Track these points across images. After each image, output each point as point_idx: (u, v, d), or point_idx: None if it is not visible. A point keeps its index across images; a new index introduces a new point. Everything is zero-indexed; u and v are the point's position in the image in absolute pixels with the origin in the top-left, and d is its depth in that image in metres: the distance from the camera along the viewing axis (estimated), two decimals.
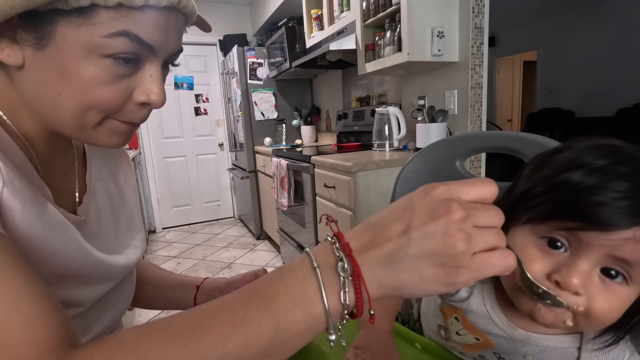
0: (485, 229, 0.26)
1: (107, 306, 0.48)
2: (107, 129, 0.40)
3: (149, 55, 0.38)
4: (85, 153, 0.53)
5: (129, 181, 0.59)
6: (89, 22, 0.33)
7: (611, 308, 0.33)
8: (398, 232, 0.26)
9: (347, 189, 1.54)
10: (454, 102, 1.67)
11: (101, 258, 0.44)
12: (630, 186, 0.31)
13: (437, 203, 0.26)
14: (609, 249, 0.32)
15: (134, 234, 0.56)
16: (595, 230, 0.31)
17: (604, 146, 0.37)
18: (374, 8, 1.72)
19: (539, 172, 0.37)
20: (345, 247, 0.26)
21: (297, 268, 0.27)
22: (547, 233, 0.35)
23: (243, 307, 0.27)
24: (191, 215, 3.98)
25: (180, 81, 3.69)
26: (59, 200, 0.43)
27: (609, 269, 0.33)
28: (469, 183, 0.27)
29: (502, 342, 0.42)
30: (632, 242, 0.31)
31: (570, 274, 0.32)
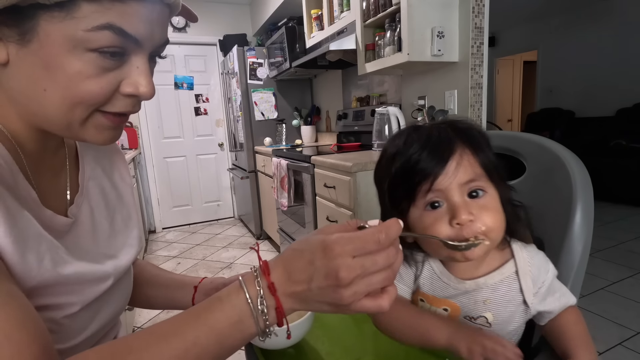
0: (373, 276, 0.33)
1: (103, 306, 0.47)
2: (94, 125, 0.40)
3: (134, 47, 0.37)
4: (78, 152, 0.52)
5: (125, 179, 0.59)
6: (72, 16, 0.33)
7: (494, 213, 0.45)
8: (304, 280, 0.34)
9: (347, 189, 1.53)
10: (454, 102, 1.67)
11: (80, 269, 0.42)
12: (420, 144, 0.46)
13: (332, 269, 0.32)
14: (457, 180, 0.45)
15: (131, 232, 0.55)
16: (438, 175, 0.45)
17: (397, 134, 0.52)
18: (374, 8, 1.72)
19: (386, 169, 0.50)
20: (270, 288, 0.34)
21: (235, 300, 0.35)
22: (423, 202, 0.47)
23: (193, 334, 0.34)
24: (191, 215, 3.98)
25: (180, 81, 3.69)
26: (48, 201, 0.43)
27: (470, 193, 0.46)
28: (361, 239, 0.32)
29: (463, 301, 0.50)
30: (460, 166, 0.45)
31: (458, 213, 0.44)
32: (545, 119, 5.07)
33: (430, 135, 0.47)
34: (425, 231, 0.47)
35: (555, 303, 0.48)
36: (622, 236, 2.84)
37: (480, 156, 0.46)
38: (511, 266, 0.50)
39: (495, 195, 0.47)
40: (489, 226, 0.44)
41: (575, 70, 5.03)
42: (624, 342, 1.60)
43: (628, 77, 4.37)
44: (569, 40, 5.06)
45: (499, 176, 0.48)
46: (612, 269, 2.29)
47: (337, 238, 0.33)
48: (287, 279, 0.34)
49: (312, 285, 0.33)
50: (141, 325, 1.98)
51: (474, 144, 0.46)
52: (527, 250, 0.50)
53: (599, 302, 1.92)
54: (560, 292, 0.49)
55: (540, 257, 0.50)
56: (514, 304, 0.49)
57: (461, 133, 0.47)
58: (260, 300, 0.34)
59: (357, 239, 0.33)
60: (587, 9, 4.75)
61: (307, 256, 0.34)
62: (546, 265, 0.49)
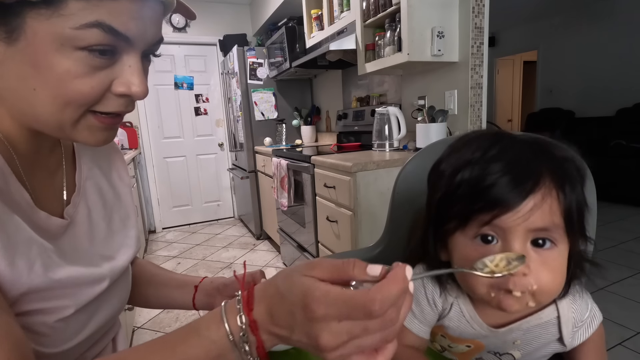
0: (365, 338, 0.28)
1: (99, 308, 0.46)
2: (86, 126, 0.39)
3: (125, 46, 0.36)
4: (75, 151, 0.52)
5: (123, 179, 0.58)
6: (59, 14, 0.32)
7: (554, 274, 0.38)
8: (286, 326, 0.30)
9: (347, 189, 1.53)
10: (454, 102, 1.67)
11: (73, 273, 0.41)
12: (502, 165, 0.36)
13: (312, 330, 0.28)
14: (526, 224, 0.36)
15: (128, 232, 0.55)
16: (503, 213, 0.36)
17: (476, 138, 0.41)
18: (374, 8, 1.72)
19: (440, 180, 0.41)
20: (252, 326, 0.31)
21: (215, 335, 0.32)
22: (475, 232, 0.39)
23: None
24: (191, 215, 3.98)
25: (180, 81, 3.69)
26: (44, 202, 0.42)
27: (536, 240, 0.37)
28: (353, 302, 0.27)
29: (491, 341, 0.45)
30: (535, 210, 0.35)
31: (519, 263, 0.35)
32: (545, 119, 5.07)
33: (517, 158, 0.37)
34: (464, 265, 0.39)
35: (588, 330, 0.45)
36: (622, 236, 2.84)
37: (567, 202, 0.36)
38: (552, 311, 0.44)
39: (565, 251, 0.38)
40: (542, 286, 0.37)
41: (575, 70, 5.03)
42: (624, 342, 1.60)
43: (628, 77, 4.37)
44: (569, 40, 5.06)
45: (579, 228, 0.39)
46: (612, 269, 2.29)
47: (320, 296, 0.28)
48: (270, 319, 0.31)
49: (294, 336, 0.30)
50: (141, 325, 1.98)
51: (564, 184, 0.36)
52: (570, 295, 0.44)
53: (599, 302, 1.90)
54: (590, 314, 0.46)
55: (582, 297, 0.45)
56: (546, 342, 0.45)
57: (556, 165, 0.37)
58: (242, 337, 0.31)
59: (344, 304, 0.27)
60: (587, 8, 4.75)
61: (288, 305, 0.30)
62: (585, 301, 0.45)
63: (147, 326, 1.97)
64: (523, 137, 0.40)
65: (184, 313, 2.05)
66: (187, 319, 1.98)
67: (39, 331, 0.38)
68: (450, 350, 0.49)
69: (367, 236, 1.52)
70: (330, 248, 1.82)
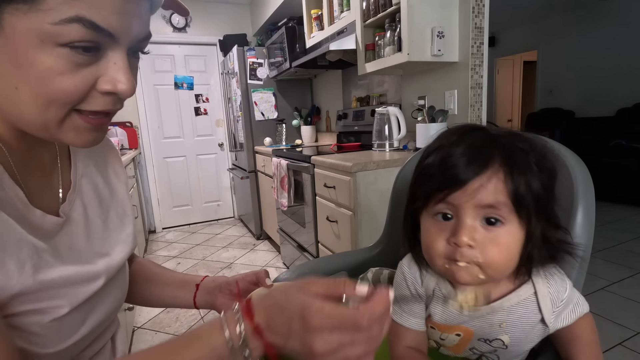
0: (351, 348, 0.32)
1: (95, 306, 0.46)
2: (71, 127, 0.37)
3: (109, 42, 0.35)
4: (70, 149, 0.51)
5: (119, 176, 0.58)
6: (37, 8, 0.31)
7: (500, 250, 0.41)
8: (282, 335, 0.33)
9: (347, 189, 1.54)
10: (454, 102, 1.67)
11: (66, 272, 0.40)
12: (461, 149, 0.42)
13: (307, 338, 0.32)
14: (474, 202, 0.41)
15: (125, 229, 0.55)
16: (454, 191, 0.41)
17: (447, 131, 0.47)
18: (374, 8, 1.72)
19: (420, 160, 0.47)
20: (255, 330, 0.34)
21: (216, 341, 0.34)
22: (434, 210, 0.44)
23: None
24: (191, 215, 3.98)
25: (180, 81, 3.69)
26: (39, 200, 0.42)
27: (488, 218, 0.41)
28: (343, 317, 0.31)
29: (477, 325, 0.47)
30: (483, 189, 0.40)
31: (459, 233, 0.41)
32: (545, 119, 5.07)
33: (474, 144, 0.42)
34: (425, 239, 0.46)
35: (571, 315, 0.47)
36: (622, 236, 2.84)
37: (513, 183, 0.40)
38: (529, 288, 0.46)
39: (516, 231, 0.41)
40: (487, 260, 0.41)
41: (575, 70, 5.03)
42: (624, 342, 1.60)
43: (628, 77, 4.37)
44: (569, 41, 5.06)
45: (538, 213, 0.42)
46: (612, 269, 2.29)
47: (317, 309, 0.32)
48: (267, 327, 0.34)
49: (289, 343, 0.33)
50: (141, 325, 1.98)
51: (513, 169, 0.40)
52: (544, 272, 0.47)
53: (599, 302, 1.92)
54: (574, 302, 0.48)
55: (556, 274, 0.47)
56: (531, 324, 0.46)
57: (509, 153, 0.41)
58: (242, 343, 0.33)
59: (337, 318, 0.31)
60: (587, 9, 4.75)
61: (287, 316, 0.33)
62: (563, 283, 0.47)
63: (147, 326, 1.97)
64: (497, 130, 0.45)
65: (184, 313, 2.05)
66: (187, 319, 1.98)
67: (33, 331, 0.38)
68: (443, 344, 0.51)
69: (367, 236, 1.52)
70: (330, 248, 1.82)
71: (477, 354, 0.49)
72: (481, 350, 0.49)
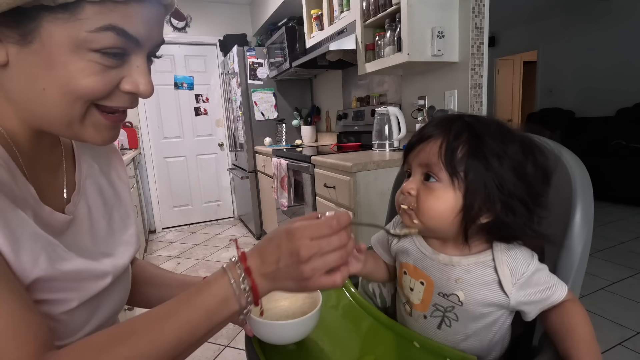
0: (329, 255, 0.40)
1: (101, 303, 0.47)
2: (92, 124, 0.40)
3: (134, 47, 0.38)
4: (74, 151, 0.52)
5: (122, 178, 0.59)
6: (75, 18, 0.33)
7: (432, 201, 0.50)
8: (274, 261, 0.40)
9: (347, 189, 1.53)
10: (454, 102, 1.67)
11: (78, 266, 0.42)
12: (426, 127, 0.53)
13: (294, 249, 0.39)
14: (418, 160, 0.52)
15: (128, 230, 0.56)
16: (408, 153, 0.54)
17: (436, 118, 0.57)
18: (374, 8, 1.72)
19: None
20: (247, 270, 0.41)
21: (221, 283, 0.41)
22: (403, 170, 0.56)
23: (187, 314, 0.39)
24: (191, 215, 3.98)
25: (180, 81, 3.69)
26: (46, 199, 0.43)
27: (427, 174, 0.51)
28: (317, 225, 0.40)
29: (437, 276, 0.53)
30: (424, 151, 0.51)
31: (405, 184, 0.53)
32: (545, 119, 5.07)
33: (435, 123, 0.53)
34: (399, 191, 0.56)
35: (537, 295, 0.48)
36: (622, 236, 2.84)
37: (446, 149, 0.48)
38: (488, 254, 0.51)
39: (446, 189, 0.49)
40: (420, 207, 0.51)
41: (575, 70, 5.03)
42: (624, 342, 1.60)
43: (628, 77, 4.37)
44: (569, 40, 5.06)
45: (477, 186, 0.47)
46: (612, 269, 2.29)
47: (298, 225, 0.40)
48: (261, 262, 0.41)
49: (280, 264, 0.40)
50: None
51: (449, 137, 0.49)
52: (506, 245, 0.51)
53: (599, 302, 1.92)
54: (547, 285, 0.49)
55: (522, 251, 0.50)
56: (489, 290, 0.50)
57: (446, 125, 0.51)
58: (241, 281, 0.40)
59: (314, 225, 0.40)
60: (587, 9, 4.75)
61: (276, 241, 0.41)
62: (528, 259, 0.49)
63: None
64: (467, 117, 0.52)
65: None
66: None
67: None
68: (412, 301, 0.57)
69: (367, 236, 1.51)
70: None
71: (440, 313, 0.53)
72: (442, 306, 0.53)
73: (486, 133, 0.48)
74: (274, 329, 0.48)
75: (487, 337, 0.52)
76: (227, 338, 1.80)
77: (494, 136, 0.48)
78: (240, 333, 1.83)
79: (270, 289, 0.42)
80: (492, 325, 0.52)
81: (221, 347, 1.74)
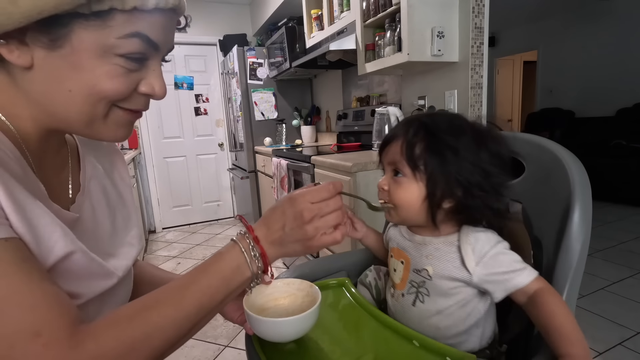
0: (328, 215, 0.46)
1: (107, 303, 0.48)
2: (113, 121, 0.43)
3: (153, 52, 0.41)
4: (79, 152, 0.53)
5: (124, 179, 0.61)
6: (106, 25, 0.36)
7: (401, 193, 0.57)
8: (280, 227, 0.46)
9: (347, 189, 1.53)
10: (454, 102, 1.67)
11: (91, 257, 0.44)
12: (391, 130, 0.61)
13: (297, 212, 0.45)
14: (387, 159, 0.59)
15: (130, 231, 0.56)
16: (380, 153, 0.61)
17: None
18: (374, 8, 1.72)
19: None
20: (255, 239, 0.46)
21: (232, 252, 0.45)
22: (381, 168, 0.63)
23: (206, 281, 0.43)
24: (191, 215, 3.98)
25: (180, 81, 3.69)
26: (52, 198, 0.44)
27: (395, 171, 0.58)
28: (316, 190, 0.47)
29: (413, 254, 0.61)
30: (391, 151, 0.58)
31: (380, 181, 0.60)
32: (545, 119, 5.07)
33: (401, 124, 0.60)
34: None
35: (500, 276, 0.52)
36: (622, 236, 2.84)
37: (407, 148, 0.55)
38: (455, 235, 0.57)
39: (411, 181, 0.56)
40: (393, 199, 0.58)
41: (575, 70, 5.03)
42: (624, 342, 1.60)
43: (628, 77, 4.37)
44: (569, 40, 5.06)
45: (436, 177, 0.54)
46: (612, 269, 2.29)
47: (299, 192, 0.46)
48: (268, 230, 0.46)
49: (286, 228, 0.45)
50: None
51: (406, 137, 0.56)
52: (474, 228, 0.56)
53: (599, 302, 1.92)
54: (511, 269, 0.52)
55: (487, 234, 0.55)
56: (454, 266, 0.55)
57: (405, 126, 0.58)
58: (251, 249, 0.45)
59: (314, 190, 0.47)
60: (587, 9, 4.75)
61: (280, 209, 0.46)
62: (492, 242, 0.54)
63: None
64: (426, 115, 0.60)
65: None
66: None
67: None
68: (394, 281, 0.63)
69: None
70: (330, 248, 1.82)
71: (414, 290, 0.59)
72: (416, 282, 0.59)
73: (439, 130, 0.54)
74: (274, 326, 0.49)
75: (461, 318, 0.55)
76: (227, 338, 1.81)
77: (447, 132, 0.54)
78: (240, 333, 1.84)
79: (278, 254, 0.47)
80: (463, 306, 0.55)
81: (221, 347, 1.74)
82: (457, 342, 0.56)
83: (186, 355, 1.68)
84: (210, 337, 1.82)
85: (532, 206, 0.63)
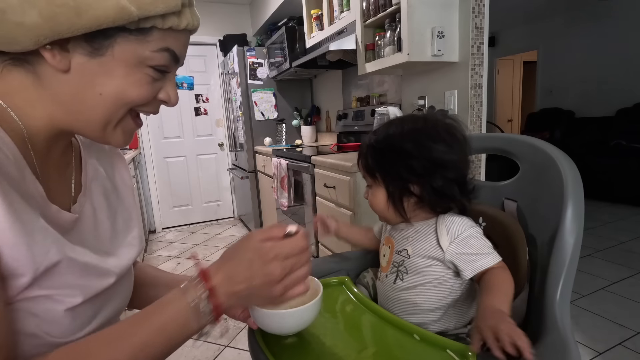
0: (299, 270, 0.44)
1: (105, 303, 0.48)
2: (122, 128, 0.46)
3: (174, 65, 0.46)
4: (81, 154, 0.54)
5: (125, 181, 0.62)
6: (145, 40, 0.41)
7: (373, 201, 0.67)
8: (245, 280, 0.42)
9: (347, 189, 1.54)
10: (454, 102, 1.67)
11: (86, 258, 0.44)
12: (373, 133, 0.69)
13: (270, 268, 0.41)
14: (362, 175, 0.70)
15: (131, 232, 0.57)
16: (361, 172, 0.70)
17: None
18: (374, 8, 1.72)
19: None
20: (211, 291, 0.41)
21: (180, 305, 0.41)
22: None
23: (145, 336, 0.39)
24: (191, 215, 3.98)
25: (180, 81, 3.69)
26: (53, 198, 0.44)
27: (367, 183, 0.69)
28: (290, 245, 0.43)
29: (397, 237, 0.69)
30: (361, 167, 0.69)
31: (364, 193, 0.70)
32: (545, 119, 5.07)
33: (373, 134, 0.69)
34: None
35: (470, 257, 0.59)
36: (622, 236, 2.84)
37: (364, 164, 0.67)
38: (433, 220, 0.65)
39: (377, 188, 0.66)
40: (370, 202, 0.68)
41: (575, 70, 5.03)
42: (624, 342, 1.60)
43: (628, 77, 4.37)
44: (569, 40, 5.06)
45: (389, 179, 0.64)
46: (612, 269, 2.29)
47: (272, 245, 0.42)
48: (229, 280, 0.42)
49: (254, 283, 0.41)
50: None
51: (363, 157, 0.68)
52: (451, 213, 0.64)
53: (599, 302, 1.92)
54: (481, 251, 0.59)
55: (462, 219, 0.63)
56: (430, 245, 0.63)
57: (362, 148, 0.69)
58: (201, 302, 0.41)
59: (288, 246, 0.43)
60: (587, 9, 4.75)
61: (246, 259, 0.42)
62: (466, 225, 0.61)
63: None
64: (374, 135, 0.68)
65: None
66: None
67: (48, 318, 0.40)
68: (382, 264, 0.70)
69: None
70: (330, 248, 1.82)
71: (395, 269, 0.66)
72: (397, 262, 0.66)
73: (384, 146, 0.64)
74: (276, 318, 0.50)
75: (437, 296, 0.62)
76: (227, 338, 1.81)
77: (390, 144, 0.64)
78: (240, 333, 1.84)
79: (235, 305, 0.44)
80: (439, 285, 0.62)
81: (221, 347, 1.74)
82: (434, 319, 0.62)
83: (186, 355, 1.68)
84: (210, 337, 1.82)
85: (526, 205, 0.66)
